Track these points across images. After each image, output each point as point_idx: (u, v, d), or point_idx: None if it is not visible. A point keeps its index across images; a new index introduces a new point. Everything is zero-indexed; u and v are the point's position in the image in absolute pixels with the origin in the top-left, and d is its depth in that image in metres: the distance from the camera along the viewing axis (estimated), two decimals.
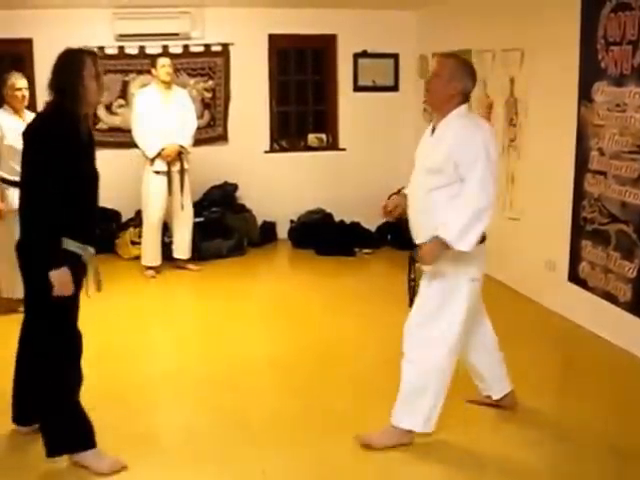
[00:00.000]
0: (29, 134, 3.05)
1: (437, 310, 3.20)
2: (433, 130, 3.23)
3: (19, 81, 5.01)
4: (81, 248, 2.99)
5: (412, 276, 3.34)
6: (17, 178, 4.99)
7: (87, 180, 3.05)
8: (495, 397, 3.60)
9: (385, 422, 3.34)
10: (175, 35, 6.95)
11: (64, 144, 2.91)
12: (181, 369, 4.12)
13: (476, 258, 3.18)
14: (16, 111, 5.05)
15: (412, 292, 3.34)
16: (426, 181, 3.15)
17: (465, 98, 3.19)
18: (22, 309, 5.15)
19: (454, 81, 3.13)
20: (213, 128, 7.30)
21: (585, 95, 4.64)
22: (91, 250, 3.07)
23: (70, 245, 2.93)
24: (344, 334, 4.78)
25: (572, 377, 4.21)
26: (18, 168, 4.96)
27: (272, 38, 7.21)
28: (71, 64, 2.98)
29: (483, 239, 3.17)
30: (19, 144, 4.93)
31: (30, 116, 5.27)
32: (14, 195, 5.04)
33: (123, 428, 3.49)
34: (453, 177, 3.06)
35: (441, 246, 3.03)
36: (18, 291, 5.22)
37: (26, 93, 5.06)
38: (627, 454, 3.22)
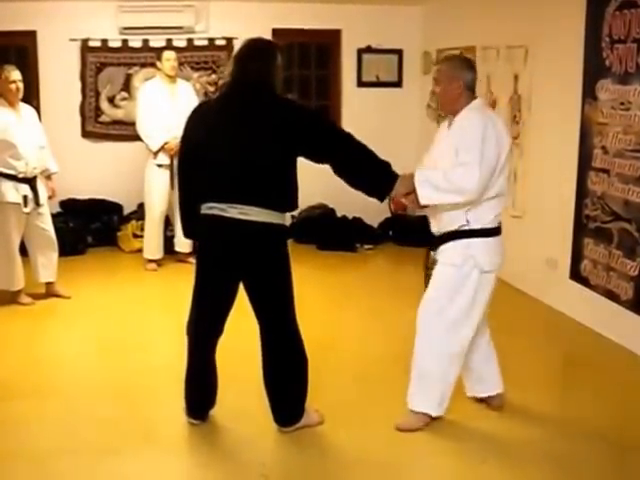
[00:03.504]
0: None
1: (446, 298, 3.26)
2: (449, 125, 3.32)
3: (13, 73, 4.93)
4: None
5: (428, 265, 3.41)
6: (12, 171, 5.00)
7: None
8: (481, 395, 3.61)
9: (389, 416, 3.39)
10: (179, 29, 6.95)
11: None
12: (183, 361, 4.13)
13: (488, 250, 3.26)
14: (11, 104, 4.98)
15: (427, 280, 3.41)
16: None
17: (472, 91, 3.26)
18: (25, 301, 5.23)
19: (454, 81, 3.22)
20: None
21: (589, 93, 4.63)
22: None
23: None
24: (346, 329, 4.79)
25: (573, 375, 4.21)
26: (13, 161, 4.99)
27: (276, 32, 7.17)
28: (267, 54, 3.17)
29: (496, 232, 3.30)
30: (13, 138, 4.96)
31: (25, 108, 5.21)
32: (7, 188, 5.02)
33: (124, 419, 3.50)
34: (455, 164, 3.13)
35: (410, 180, 3.19)
36: (14, 283, 5.25)
37: (20, 85, 4.98)
38: (628, 450, 3.23)
